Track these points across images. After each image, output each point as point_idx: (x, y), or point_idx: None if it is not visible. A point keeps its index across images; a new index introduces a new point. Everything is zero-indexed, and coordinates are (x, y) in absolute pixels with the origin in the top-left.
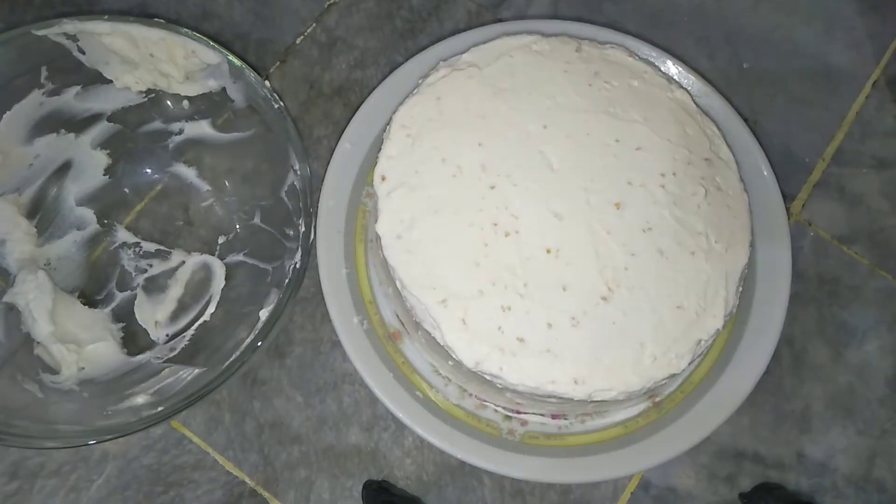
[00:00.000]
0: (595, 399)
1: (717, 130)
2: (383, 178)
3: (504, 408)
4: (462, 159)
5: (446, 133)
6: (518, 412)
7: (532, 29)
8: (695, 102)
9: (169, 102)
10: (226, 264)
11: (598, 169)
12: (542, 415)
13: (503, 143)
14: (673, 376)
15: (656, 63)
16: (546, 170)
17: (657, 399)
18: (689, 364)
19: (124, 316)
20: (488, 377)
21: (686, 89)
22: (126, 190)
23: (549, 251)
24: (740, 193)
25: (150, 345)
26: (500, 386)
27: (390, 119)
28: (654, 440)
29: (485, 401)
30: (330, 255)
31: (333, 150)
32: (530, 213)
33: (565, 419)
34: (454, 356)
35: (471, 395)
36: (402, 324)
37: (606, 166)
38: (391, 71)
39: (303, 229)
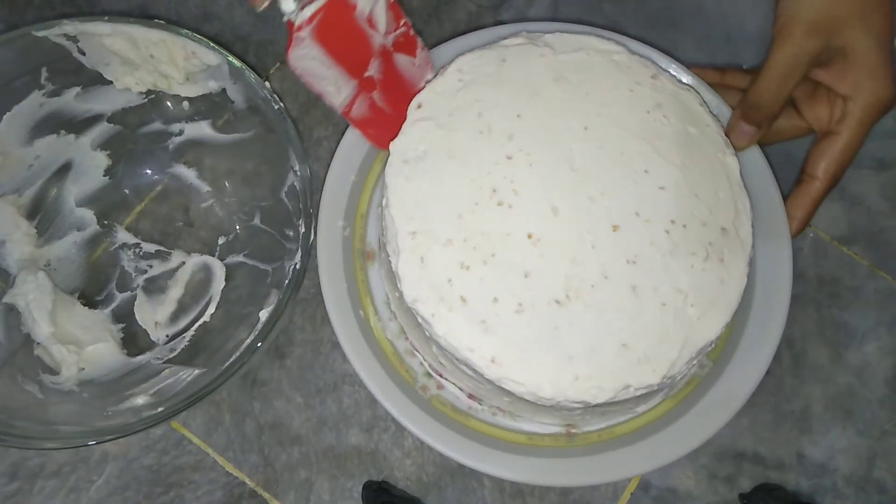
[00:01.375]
0: (503, 386)
1: (748, 209)
2: (419, 106)
3: (430, 365)
4: (496, 122)
5: (495, 92)
6: (440, 375)
7: (531, 30)
8: (741, 174)
9: (169, 103)
10: (226, 265)
11: (614, 187)
12: (460, 389)
13: (540, 125)
14: (585, 406)
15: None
16: (566, 165)
17: (572, 431)
18: (606, 401)
19: (124, 317)
20: (420, 320)
21: (737, 157)
22: (126, 191)
23: (530, 236)
24: (740, 277)
25: (150, 346)
26: (427, 334)
27: (453, 59)
28: (654, 440)
29: (416, 349)
30: (342, 161)
31: (334, 151)
32: (531, 196)
33: (479, 404)
34: (399, 286)
35: (407, 339)
36: (378, 246)
37: (623, 189)
38: None
39: (303, 230)
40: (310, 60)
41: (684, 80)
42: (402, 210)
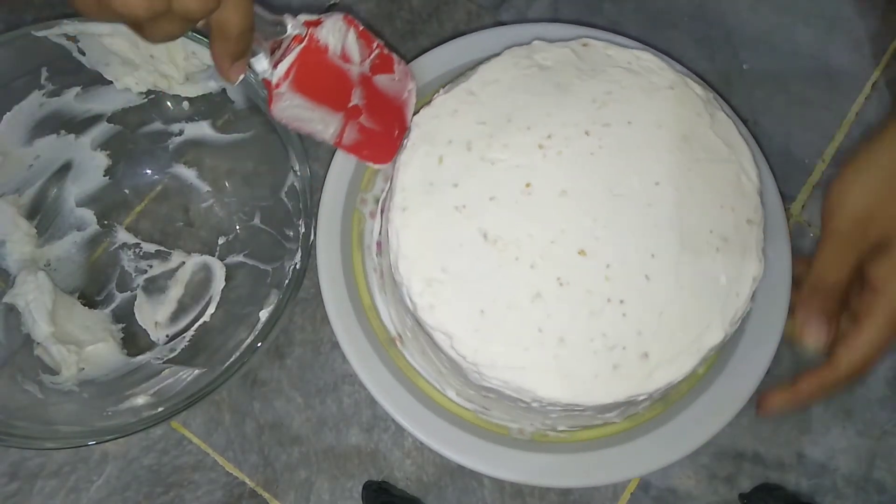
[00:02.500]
0: (401, 286)
1: (737, 314)
2: (531, 42)
3: (379, 232)
4: (575, 99)
5: (591, 84)
6: (378, 245)
7: (537, 31)
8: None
9: (169, 103)
10: (226, 265)
11: (618, 233)
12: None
13: (628, 146)
14: (455, 360)
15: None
16: (609, 186)
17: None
18: (471, 363)
19: (124, 317)
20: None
21: (752, 284)
22: (126, 191)
23: (528, 185)
24: (620, 391)
25: (150, 345)
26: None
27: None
28: (654, 441)
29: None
30: (342, 161)
31: (334, 151)
32: (561, 170)
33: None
34: (406, 139)
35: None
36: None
37: (621, 241)
38: None
39: (302, 230)
40: (293, 109)
41: (777, 243)
42: (432, 135)
